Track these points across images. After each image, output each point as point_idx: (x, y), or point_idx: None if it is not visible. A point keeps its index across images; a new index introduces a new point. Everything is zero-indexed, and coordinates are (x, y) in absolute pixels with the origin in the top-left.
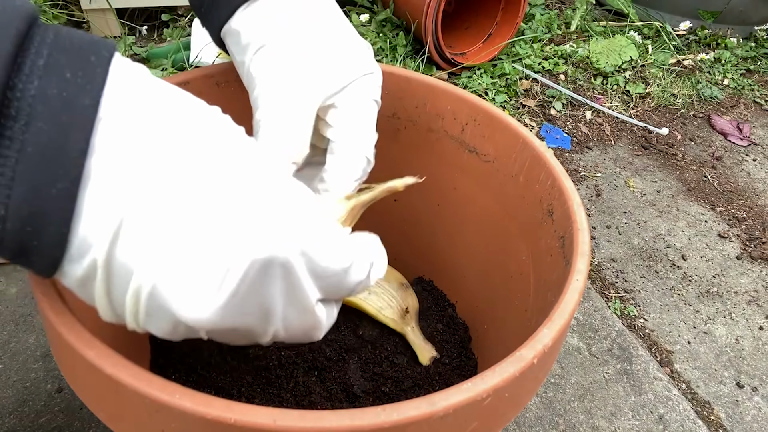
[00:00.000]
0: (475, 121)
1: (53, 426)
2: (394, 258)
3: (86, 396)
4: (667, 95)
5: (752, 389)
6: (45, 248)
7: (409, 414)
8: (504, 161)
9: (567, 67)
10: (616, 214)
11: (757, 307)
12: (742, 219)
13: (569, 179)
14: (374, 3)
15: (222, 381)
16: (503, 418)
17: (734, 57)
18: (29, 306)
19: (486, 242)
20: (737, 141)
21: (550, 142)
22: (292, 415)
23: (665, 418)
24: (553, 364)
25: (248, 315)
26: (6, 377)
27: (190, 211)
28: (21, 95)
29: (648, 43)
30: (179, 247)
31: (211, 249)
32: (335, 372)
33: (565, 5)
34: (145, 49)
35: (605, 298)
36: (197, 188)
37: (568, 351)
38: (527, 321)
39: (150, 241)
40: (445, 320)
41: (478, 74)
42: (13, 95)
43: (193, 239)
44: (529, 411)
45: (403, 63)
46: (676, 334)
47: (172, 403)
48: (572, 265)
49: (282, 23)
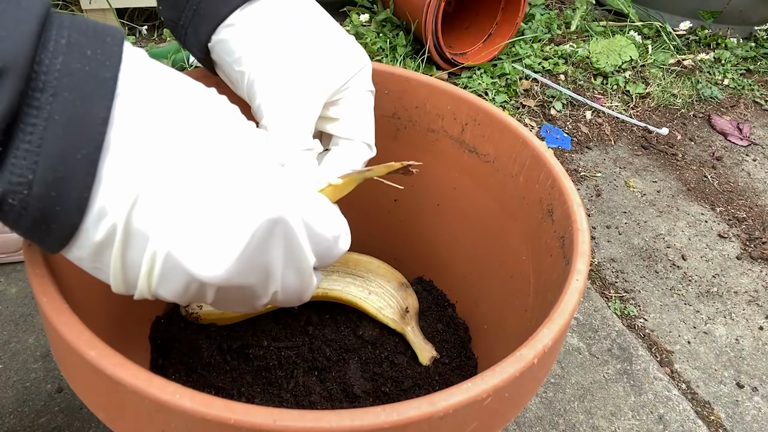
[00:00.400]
0: (475, 121)
1: (53, 426)
2: (394, 258)
3: (86, 396)
4: (667, 95)
5: (752, 389)
6: (66, 214)
7: (409, 414)
8: (504, 161)
9: (567, 67)
10: (616, 214)
11: (757, 307)
12: (742, 219)
13: (569, 179)
14: (374, 3)
15: (222, 381)
16: (503, 418)
17: (734, 57)
18: (29, 306)
19: (486, 242)
20: (737, 141)
21: (550, 142)
22: (292, 415)
23: (665, 418)
24: (553, 364)
25: (254, 274)
26: (6, 377)
27: (202, 179)
28: (47, 69)
29: (648, 43)
30: (194, 211)
31: (222, 211)
32: (335, 372)
33: (565, 5)
34: (145, 49)
35: (605, 298)
36: (208, 159)
37: (568, 351)
38: (527, 321)
39: (165, 207)
40: (445, 320)
41: (478, 74)
42: (39, 69)
43: (206, 204)
44: (529, 411)
45: (403, 63)
46: (676, 334)
47: (172, 403)
48: (572, 265)
49: (276, 28)
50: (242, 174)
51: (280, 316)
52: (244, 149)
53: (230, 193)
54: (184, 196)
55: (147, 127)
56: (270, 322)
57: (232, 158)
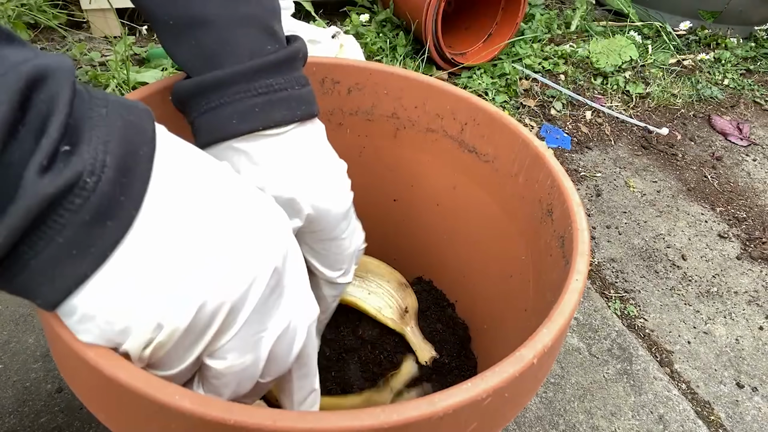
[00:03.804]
0: (474, 120)
1: (53, 426)
2: (394, 258)
3: (86, 397)
4: (667, 95)
5: (752, 389)
6: (129, 204)
7: (409, 414)
8: (503, 161)
9: (567, 67)
10: (616, 214)
11: (757, 307)
12: (742, 219)
13: (569, 179)
14: (374, 3)
15: None
16: (503, 419)
17: (734, 57)
18: (29, 306)
19: (485, 242)
20: (737, 141)
21: (550, 142)
22: (292, 415)
23: (665, 418)
24: (553, 364)
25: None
26: (6, 377)
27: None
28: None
29: (648, 43)
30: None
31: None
32: (335, 372)
33: (565, 5)
34: (145, 49)
35: (605, 298)
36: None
37: (568, 351)
38: (527, 321)
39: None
40: (445, 320)
41: (478, 74)
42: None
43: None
44: (529, 411)
45: (403, 63)
46: (676, 334)
47: (171, 403)
48: (572, 265)
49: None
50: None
51: None
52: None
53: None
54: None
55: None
56: None
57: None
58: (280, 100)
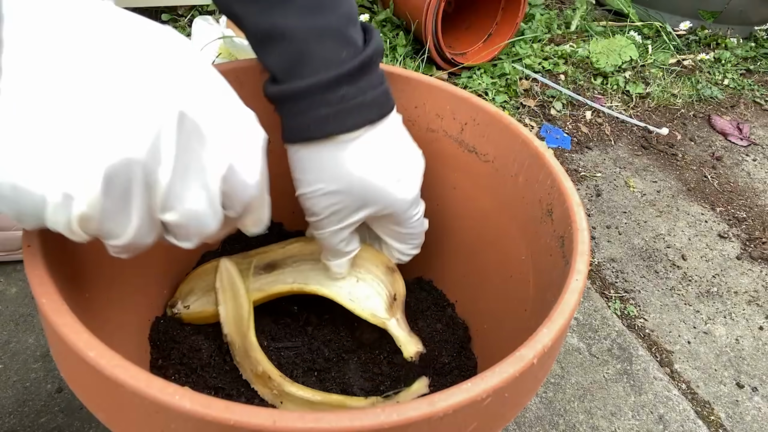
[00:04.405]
0: (474, 120)
1: (53, 426)
2: None
3: (86, 397)
4: (667, 95)
5: (752, 389)
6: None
7: (409, 414)
8: (503, 161)
9: (567, 67)
10: (616, 214)
11: (757, 307)
12: (742, 219)
13: (569, 179)
14: (374, 3)
15: (222, 381)
16: (503, 419)
17: (734, 57)
18: (29, 306)
19: (485, 242)
20: (737, 141)
21: (550, 142)
22: (292, 415)
23: (665, 418)
24: (553, 364)
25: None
26: (6, 377)
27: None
28: None
29: (648, 43)
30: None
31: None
32: (334, 372)
33: (565, 5)
34: None
35: (605, 298)
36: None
37: (568, 351)
38: (527, 321)
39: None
40: (445, 320)
41: (478, 74)
42: None
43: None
44: (529, 411)
45: (403, 63)
46: (676, 334)
47: (171, 403)
48: (572, 265)
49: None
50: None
51: (280, 316)
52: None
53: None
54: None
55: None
56: (269, 322)
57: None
58: (352, 108)
